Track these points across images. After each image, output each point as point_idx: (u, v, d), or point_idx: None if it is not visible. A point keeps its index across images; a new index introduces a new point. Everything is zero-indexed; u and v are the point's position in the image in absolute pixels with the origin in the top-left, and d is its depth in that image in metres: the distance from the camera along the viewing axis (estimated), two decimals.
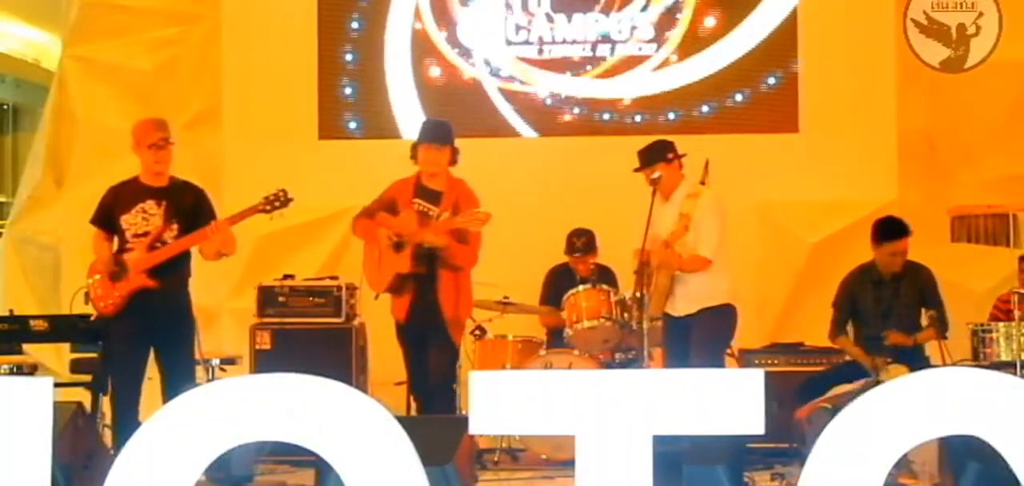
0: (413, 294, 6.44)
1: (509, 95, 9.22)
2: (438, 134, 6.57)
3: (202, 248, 6.24)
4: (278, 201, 6.26)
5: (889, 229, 7.09)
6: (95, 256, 6.30)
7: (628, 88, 9.16)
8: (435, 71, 9.24)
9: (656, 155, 6.72)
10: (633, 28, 9.15)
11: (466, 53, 9.23)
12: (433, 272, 6.41)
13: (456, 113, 8.97)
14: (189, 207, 6.23)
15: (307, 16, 9.21)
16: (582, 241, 7.83)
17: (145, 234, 6.15)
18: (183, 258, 6.23)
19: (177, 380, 5.94)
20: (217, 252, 6.22)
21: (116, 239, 6.24)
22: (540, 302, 7.96)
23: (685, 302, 6.66)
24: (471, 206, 6.47)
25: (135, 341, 6.18)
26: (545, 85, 9.21)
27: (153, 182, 6.23)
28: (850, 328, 7.18)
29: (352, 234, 6.93)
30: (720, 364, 6.83)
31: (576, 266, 7.88)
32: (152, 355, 6.24)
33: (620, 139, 9.06)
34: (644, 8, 9.14)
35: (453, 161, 6.56)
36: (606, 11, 9.16)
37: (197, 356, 6.38)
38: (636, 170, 6.72)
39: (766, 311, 8.46)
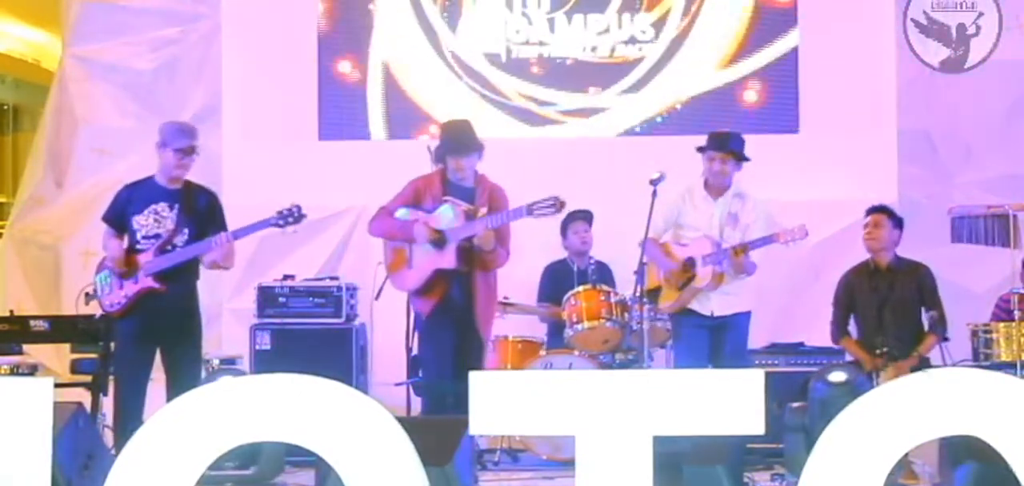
0: (445, 291, 6.40)
1: (508, 96, 9.21)
2: (472, 144, 6.50)
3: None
4: (292, 216, 6.23)
5: (873, 206, 7.18)
6: (105, 253, 6.30)
7: (627, 88, 9.16)
8: (435, 71, 9.23)
9: (741, 147, 6.83)
10: (633, 28, 9.15)
11: (466, 53, 9.22)
12: (470, 270, 6.39)
13: (455, 113, 8.98)
14: (202, 211, 6.23)
15: (307, 15, 9.21)
16: (580, 214, 7.85)
17: (156, 236, 6.15)
18: (192, 262, 6.23)
19: (184, 383, 5.93)
20: (214, 263, 6.22)
21: (127, 238, 6.24)
22: (538, 298, 7.96)
23: (729, 301, 6.77)
24: (503, 201, 6.47)
25: (141, 342, 6.20)
26: (543, 85, 9.21)
27: (167, 184, 6.23)
28: (853, 329, 7.18)
29: (369, 235, 6.88)
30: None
31: (575, 241, 7.87)
32: (157, 356, 6.26)
33: (618, 139, 9.07)
34: (644, 8, 9.13)
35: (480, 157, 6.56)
36: (606, 11, 9.15)
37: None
38: (717, 151, 6.75)
39: (766, 311, 8.45)
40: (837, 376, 6.17)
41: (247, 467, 6.42)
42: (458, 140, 6.52)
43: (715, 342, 6.76)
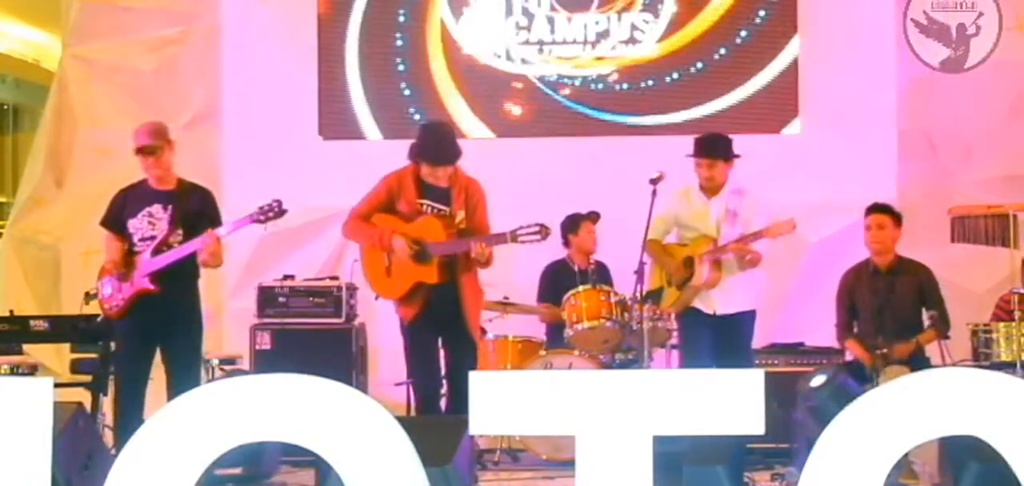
0: (427, 300, 6.23)
1: (508, 95, 9.21)
2: (450, 156, 6.26)
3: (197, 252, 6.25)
4: (272, 211, 6.21)
5: (872, 206, 7.18)
6: (106, 257, 6.32)
7: (627, 88, 9.16)
8: (434, 71, 9.23)
9: (725, 150, 6.82)
10: (634, 29, 9.15)
11: (465, 53, 9.22)
12: (455, 280, 6.23)
13: (454, 113, 8.99)
14: (195, 210, 6.22)
15: (307, 16, 9.21)
16: (590, 215, 7.86)
17: (151, 238, 6.16)
18: (189, 261, 6.22)
19: (183, 381, 5.94)
20: (205, 262, 6.23)
21: (126, 242, 6.25)
22: (538, 298, 7.94)
23: (732, 300, 6.78)
24: (481, 198, 6.29)
25: (141, 342, 6.21)
26: (544, 86, 9.21)
27: (159, 186, 6.22)
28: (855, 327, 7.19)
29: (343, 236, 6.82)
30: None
31: (587, 241, 7.87)
32: (158, 356, 6.27)
33: (619, 139, 9.06)
34: (645, 9, 9.13)
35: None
36: (607, 12, 9.15)
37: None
38: (699, 157, 6.78)
39: (766, 311, 8.44)
40: (817, 379, 6.17)
41: (247, 467, 6.42)
42: (434, 150, 6.28)
43: (719, 341, 6.75)
